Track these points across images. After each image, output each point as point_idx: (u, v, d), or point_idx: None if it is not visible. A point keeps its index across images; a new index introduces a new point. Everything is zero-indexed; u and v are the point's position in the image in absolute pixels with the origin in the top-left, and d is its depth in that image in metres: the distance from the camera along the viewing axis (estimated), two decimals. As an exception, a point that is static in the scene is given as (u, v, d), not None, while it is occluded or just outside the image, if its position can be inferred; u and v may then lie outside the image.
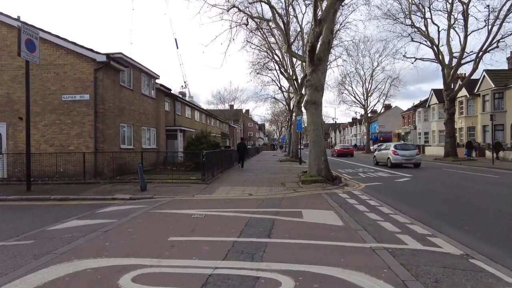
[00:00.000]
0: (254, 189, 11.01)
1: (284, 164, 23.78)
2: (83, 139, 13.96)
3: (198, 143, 19.05)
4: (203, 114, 40.20)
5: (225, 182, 12.94)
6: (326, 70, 13.48)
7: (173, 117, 27.47)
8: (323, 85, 13.18)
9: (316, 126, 12.89)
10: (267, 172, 17.69)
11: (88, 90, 13.90)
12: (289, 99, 40.94)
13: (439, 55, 28.17)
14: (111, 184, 12.42)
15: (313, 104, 12.89)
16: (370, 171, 18.66)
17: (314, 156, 12.85)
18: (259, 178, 14.27)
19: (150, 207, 7.73)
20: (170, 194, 10.21)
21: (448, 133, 28.33)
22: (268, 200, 8.84)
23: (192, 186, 11.62)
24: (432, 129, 45.61)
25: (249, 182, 13.03)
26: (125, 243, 4.88)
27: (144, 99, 18.41)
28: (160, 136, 20.84)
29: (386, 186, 12.39)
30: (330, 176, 12.76)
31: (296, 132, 28.26)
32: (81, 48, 13.82)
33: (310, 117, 13.03)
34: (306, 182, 12.08)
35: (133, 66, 16.97)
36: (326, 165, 12.88)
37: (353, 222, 6.40)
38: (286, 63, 29.09)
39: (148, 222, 6.19)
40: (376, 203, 8.75)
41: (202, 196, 9.80)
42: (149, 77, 19.14)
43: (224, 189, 11.04)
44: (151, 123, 19.37)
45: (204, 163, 12.38)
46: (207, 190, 10.82)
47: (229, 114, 68.40)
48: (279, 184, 12.31)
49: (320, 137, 12.91)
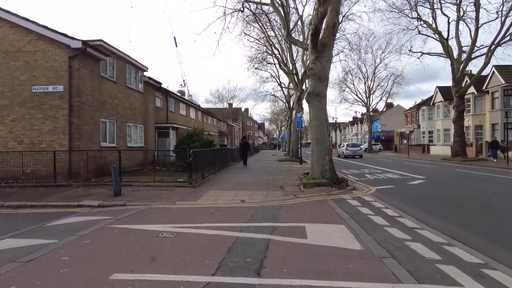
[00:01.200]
0: (248, 194, 9.41)
1: (284, 164, 22.19)
2: (57, 136, 12.35)
3: (189, 141, 17.46)
4: (199, 111, 38.58)
5: (216, 185, 11.34)
6: (331, 58, 11.89)
7: (166, 114, 25.88)
8: (328, 74, 11.59)
9: (320, 121, 11.29)
10: (264, 173, 16.10)
11: (62, 81, 12.29)
12: (289, 96, 39.33)
13: (448, 49, 26.53)
14: (84, 188, 10.83)
15: (316, 96, 11.29)
16: (377, 172, 17.07)
17: (317, 156, 11.25)
18: (255, 180, 12.67)
19: (112, 220, 6.14)
20: (148, 200, 8.62)
21: (457, 132, 26.76)
22: (264, 210, 7.24)
23: (176, 190, 10.02)
24: (437, 127, 44.01)
25: (243, 185, 11.43)
26: (41, 285, 3.28)
27: (130, 93, 16.80)
28: (148, 133, 19.22)
29: (400, 190, 10.80)
30: (335, 179, 11.18)
31: (297, 130, 26.67)
32: (54, 33, 12.20)
33: (313, 111, 11.43)
34: (309, 186, 10.49)
35: (117, 56, 15.35)
36: (331, 166, 11.29)
37: (374, 244, 4.81)
38: (285, 57, 27.48)
39: (97, 244, 4.57)
40: (394, 213, 7.17)
41: (184, 203, 8.20)
42: (136, 69, 17.52)
43: (213, 194, 9.44)
44: (138, 119, 17.76)
45: (191, 163, 10.78)
46: (192, 196, 9.22)
47: (227, 112, 66.76)
48: (278, 188, 10.72)
49: (324, 135, 11.32)
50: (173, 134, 23.62)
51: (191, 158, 10.78)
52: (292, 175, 14.80)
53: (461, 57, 26.57)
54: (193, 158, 11.10)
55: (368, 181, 13.43)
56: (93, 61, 13.30)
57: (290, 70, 26.79)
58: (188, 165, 10.88)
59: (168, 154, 18.80)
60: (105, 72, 14.48)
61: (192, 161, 10.96)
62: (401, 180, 13.49)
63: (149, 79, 18.81)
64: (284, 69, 27.55)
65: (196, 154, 11.60)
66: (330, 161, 11.33)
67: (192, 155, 10.84)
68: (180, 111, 29.95)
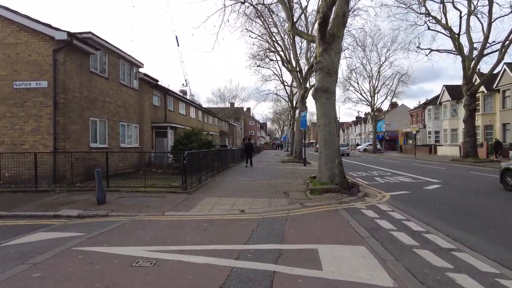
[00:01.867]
0: (248, 202, 8.34)
1: (287, 166, 21.10)
2: (40, 136, 11.33)
3: (187, 142, 16.44)
4: (200, 111, 37.54)
5: (213, 191, 10.27)
6: (340, 51, 10.80)
7: (164, 113, 24.88)
8: (337, 68, 10.49)
9: (329, 120, 10.20)
10: (266, 175, 15.02)
11: (46, 76, 11.27)
12: (291, 95, 38.25)
13: (459, 45, 25.33)
14: (68, 193, 9.80)
15: (324, 92, 10.20)
16: (387, 175, 15.96)
17: (325, 158, 10.17)
18: (256, 185, 11.60)
19: (84, 238, 5.08)
20: (134, 209, 7.57)
21: (467, 132, 25.55)
22: (266, 223, 6.16)
23: (168, 197, 8.96)
24: (443, 127, 42.78)
25: (243, 190, 10.36)
26: None
27: (123, 90, 15.76)
28: (144, 133, 18.19)
29: (417, 197, 9.70)
30: (345, 184, 10.09)
31: (300, 130, 25.57)
32: (37, 24, 11.17)
33: (320, 108, 10.34)
34: (316, 192, 9.41)
35: (109, 50, 14.31)
36: (341, 170, 10.20)
37: (408, 277, 3.73)
38: (288, 54, 26.38)
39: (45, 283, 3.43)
40: (419, 227, 6.09)
41: (175, 214, 7.14)
42: (130, 65, 16.48)
43: (209, 202, 8.37)
44: (132, 118, 16.73)
45: (186, 166, 9.71)
46: (185, 204, 8.15)
47: (229, 112, 65.80)
48: (281, 194, 9.64)
49: (333, 135, 10.23)
50: (172, 134, 22.59)
51: (186, 160, 9.72)
52: (296, 178, 13.71)
53: (472, 54, 25.40)
54: (188, 160, 10.05)
55: (380, 185, 12.33)
56: (82, 55, 12.26)
57: (293, 68, 25.69)
58: (182, 169, 9.82)
59: (166, 155, 17.78)
60: (96, 68, 13.45)
61: (187, 164, 9.91)
62: (415, 185, 12.37)
63: (144, 76, 17.76)
64: (287, 66, 26.45)
65: (191, 156, 10.55)
66: (340, 164, 10.24)
67: (186, 157, 9.78)
68: (179, 110, 28.94)
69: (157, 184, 10.32)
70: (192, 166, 10.80)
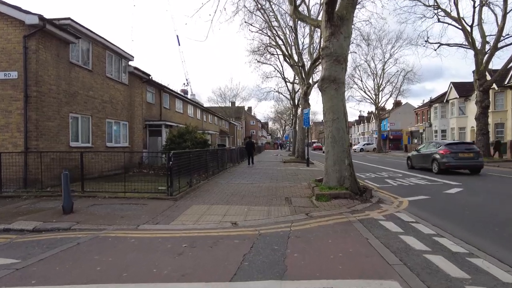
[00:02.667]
0: (243, 211, 6.98)
1: (289, 167, 19.73)
2: (10, 134, 10.03)
3: (180, 141, 15.13)
4: (198, 109, 36.22)
5: (205, 196, 8.93)
6: (350, 35, 9.42)
7: (159, 111, 23.60)
8: (347, 55, 9.15)
9: (337, 115, 8.84)
10: (266, 177, 13.66)
11: (17, 66, 9.96)
12: (293, 93, 36.89)
13: (471, 38, 23.88)
14: (35, 199, 8.48)
15: (332, 83, 8.84)
16: (398, 176, 14.57)
17: (333, 158, 8.80)
18: (254, 189, 10.24)
19: (8, 271, 3.75)
20: (104, 221, 6.24)
21: (480, 130, 24.16)
22: (264, 243, 4.81)
23: (149, 205, 7.63)
24: (451, 126, 41.33)
25: (238, 195, 9.00)
26: None
27: (110, 85, 14.45)
28: (134, 131, 16.88)
29: (440, 204, 8.34)
30: (357, 188, 8.73)
31: (303, 129, 24.20)
32: (4, 6, 9.86)
33: (328, 102, 8.97)
34: (323, 198, 8.05)
35: (93, 40, 12.99)
36: (351, 172, 8.84)
37: None
38: (290, 48, 25.01)
39: None
40: (461, 248, 4.74)
41: (151, 228, 5.80)
42: (118, 57, 15.16)
43: (196, 212, 7.02)
44: (121, 115, 15.41)
45: (172, 168, 8.37)
46: (167, 214, 6.81)
47: (230, 111, 64.49)
48: (283, 200, 8.28)
49: (343, 131, 8.86)
50: (166, 133, 21.26)
51: (172, 161, 8.38)
52: (299, 181, 12.36)
53: (485, 47, 23.98)
54: (176, 161, 8.72)
55: (393, 189, 10.97)
56: (59, 44, 10.95)
57: (295, 62, 24.33)
58: (167, 171, 8.47)
59: (159, 156, 16.47)
60: (77, 58, 12.14)
61: (174, 166, 8.57)
62: (432, 188, 11.00)
63: (135, 70, 16.43)
64: (288, 61, 25.09)
65: (179, 156, 9.22)
66: (350, 165, 8.87)
67: (173, 158, 8.43)
68: (176, 108, 27.64)
69: (142, 188, 8.98)
70: (181, 168, 9.47)
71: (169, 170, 8.36)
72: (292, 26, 24.16)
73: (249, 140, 24.49)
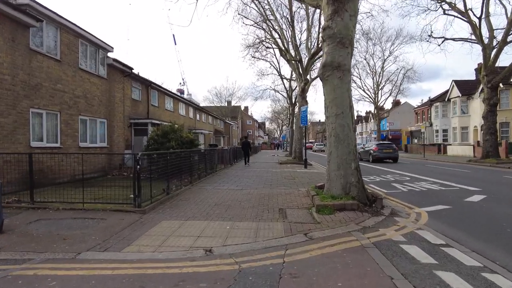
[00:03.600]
0: (224, 231, 5.44)
1: (285, 169, 18.21)
2: (-48, 132, 8.45)
3: (164, 140, 13.55)
4: (191, 107, 34.62)
5: (180, 208, 7.37)
6: (357, 14, 7.93)
7: (146, 108, 22.04)
8: (353, 37, 7.64)
9: (341, 109, 7.34)
10: (259, 181, 12.13)
11: (-39, 51, 8.39)
12: (290, 91, 35.41)
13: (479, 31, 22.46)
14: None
15: (335, 70, 7.33)
16: (405, 180, 13.10)
17: (337, 161, 7.29)
18: (243, 197, 8.71)
19: None
20: (40, 245, 4.69)
21: (488, 129, 22.71)
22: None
23: (108, 220, 6.08)
24: (452, 125, 40.04)
25: (223, 206, 7.46)
26: None
27: (84, 77, 12.86)
28: (114, 130, 15.30)
29: (466, 215, 6.87)
30: (365, 197, 7.23)
31: (300, 128, 22.69)
32: None
33: (330, 93, 7.46)
34: (326, 210, 6.54)
35: (61, 25, 11.41)
36: (359, 178, 7.33)
37: None
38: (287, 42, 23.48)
39: None
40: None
41: (94, 257, 4.25)
42: (94, 47, 13.58)
43: (163, 231, 5.48)
44: (97, 111, 13.83)
45: (140, 173, 6.82)
46: (125, 234, 5.26)
47: (226, 110, 62.98)
48: (276, 213, 6.75)
49: (349, 129, 7.36)
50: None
51: (140, 165, 6.82)
52: (296, 185, 10.84)
53: (492, 42, 22.59)
54: (147, 165, 7.18)
55: (403, 195, 9.51)
56: (15, 27, 9.38)
57: (292, 57, 22.83)
58: (134, 177, 6.90)
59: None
60: (40, 46, 10.56)
61: (144, 170, 7.03)
62: (449, 195, 9.53)
63: (114, 62, 14.81)
64: (285, 56, 23.57)
65: (152, 159, 7.69)
66: (358, 169, 7.37)
67: (142, 161, 6.88)
68: (165, 106, 26.06)
69: (111, 196, 7.44)
70: (157, 172, 7.95)
71: (136, 176, 6.80)
72: (288, 17, 22.67)
73: (245, 140, 24.45)
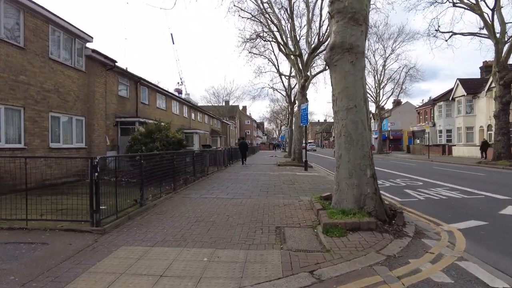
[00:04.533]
0: (199, 266, 3.95)
1: (284, 171, 16.73)
2: None
3: (147, 140, 12.10)
4: (186, 106, 33.09)
5: (149, 226, 5.86)
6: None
7: (135, 106, 20.55)
8: (368, 14, 6.16)
9: (354, 101, 5.85)
10: (255, 187, 10.63)
11: None
12: (289, 89, 33.93)
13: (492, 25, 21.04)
14: None
15: (346, 53, 5.85)
16: (417, 185, 11.67)
17: (348, 167, 5.81)
18: (233, 210, 7.21)
19: None
20: None
21: (500, 129, 21.33)
22: None
23: (52, 245, 4.60)
24: (457, 125, 38.61)
25: (205, 223, 5.97)
26: None
27: (56, 69, 11.35)
28: (94, 129, 13.78)
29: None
30: (384, 213, 5.75)
31: (300, 127, 21.22)
32: None
33: (340, 81, 5.98)
34: (336, 231, 5.07)
35: (25, 7, 9.88)
36: (376, 188, 5.85)
37: None
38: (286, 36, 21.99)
39: None
40: None
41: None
42: (69, 36, 12.07)
43: (117, 265, 3.99)
44: (73, 108, 12.32)
45: (97, 183, 5.32)
46: (61, 270, 3.77)
47: (223, 110, 61.48)
48: (272, 235, 5.25)
49: (363, 127, 5.88)
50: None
51: (98, 173, 5.33)
52: (297, 193, 9.35)
53: (504, 36, 21.20)
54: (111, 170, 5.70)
55: (422, 205, 8.08)
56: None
57: (292, 51, 21.35)
58: (90, 187, 5.40)
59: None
60: (-2, 30, 9.06)
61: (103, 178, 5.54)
62: (476, 205, 8.07)
63: (93, 53, 13.25)
64: (284, 51, 22.09)
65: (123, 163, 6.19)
66: (374, 177, 5.89)
67: (99, 164, 5.38)
68: (157, 104, 24.56)
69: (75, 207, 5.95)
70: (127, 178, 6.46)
71: (93, 186, 5.30)
72: (288, 8, 21.22)
73: (242, 141, 24.82)
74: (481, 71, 39.33)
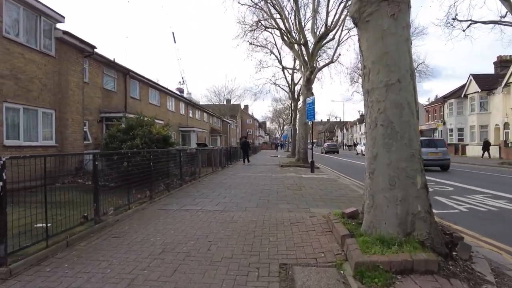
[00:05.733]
0: None
1: (287, 173, 14.75)
2: None
3: (126, 137, 10.16)
4: (183, 103, 31.19)
5: (92, 260, 3.94)
6: None
7: (123, 101, 18.70)
8: None
9: (397, 74, 3.89)
10: (252, 194, 8.65)
11: None
12: (293, 85, 31.94)
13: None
14: None
15: (384, 1, 3.90)
16: (450, 191, 9.70)
17: (388, 171, 3.85)
18: (220, 230, 5.26)
19: None
20: None
21: (526, 126, 19.26)
22: None
23: None
24: (470, 124, 36.51)
25: (171, 259, 4.03)
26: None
27: (14, 52, 9.44)
28: (68, 124, 11.86)
29: None
30: (441, 240, 3.79)
31: (305, 123, 19.23)
32: None
33: (374, 45, 4.01)
34: (377, 277, 3.12)
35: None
36: (429, 203, 3.91)
37: None
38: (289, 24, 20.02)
39: None
40: None
41: None
42: (33, 13, 10.16)
43: None
44: (38, 99, 10.40)
45: (3, 197, 3.42)
46: None
47: (225, 109, 59.50)
48: (274, 283, 3.32)
49: (410, 113, 3.93)
50: (129, 128, 16.28)
51: (2, 182, 3.43)
52: (306, 202, 7.38)
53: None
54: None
55: (469, 220, 6.19)
56: None
57: (296, 40, 19.37)
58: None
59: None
60: None
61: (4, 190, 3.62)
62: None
63: (64, 35, 11.26)
64: (287, 40, 20.10)
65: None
66: (426, 187, 3.94)
67: (4, 172, 3.47)
68: (149, 99, 22.70)
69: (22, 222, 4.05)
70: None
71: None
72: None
73: (244, 140, 25.18)
74: (495, 66, 37.29)
